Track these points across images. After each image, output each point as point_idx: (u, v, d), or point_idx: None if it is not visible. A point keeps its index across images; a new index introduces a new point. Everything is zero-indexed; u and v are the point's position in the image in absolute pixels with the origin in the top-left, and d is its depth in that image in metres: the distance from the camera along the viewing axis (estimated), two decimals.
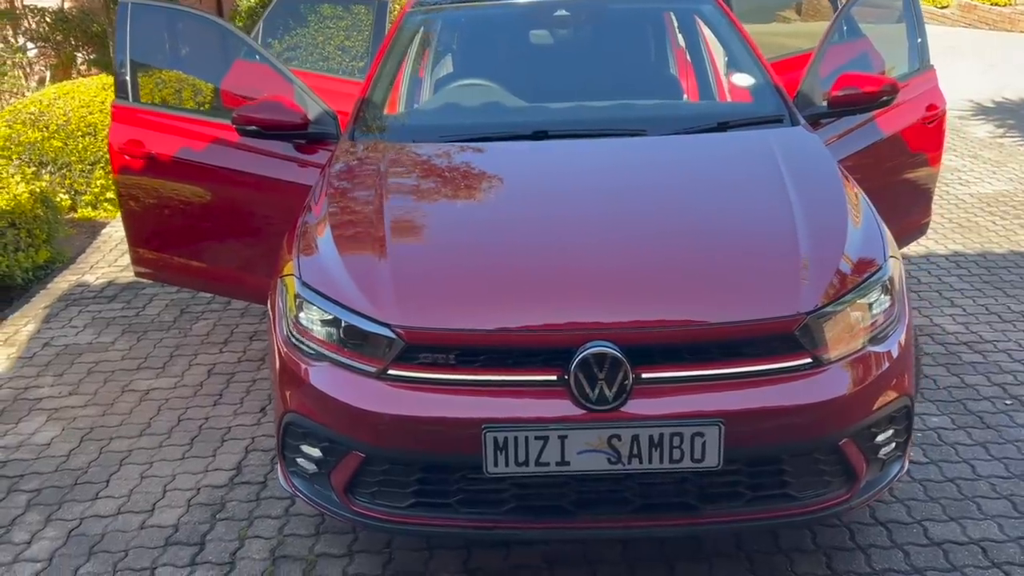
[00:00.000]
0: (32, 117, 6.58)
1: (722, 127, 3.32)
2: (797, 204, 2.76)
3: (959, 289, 4.77)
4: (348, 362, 2.46)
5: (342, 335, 2.49)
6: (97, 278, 5.38)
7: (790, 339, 2.39)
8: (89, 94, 6.97)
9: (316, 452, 2.55)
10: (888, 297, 2.58)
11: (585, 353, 2.32)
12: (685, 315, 2.43)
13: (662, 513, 2.45)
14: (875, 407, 2.47)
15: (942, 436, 3.40)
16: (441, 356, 2.41)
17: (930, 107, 4.12)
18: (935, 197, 6.20)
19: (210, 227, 4.04)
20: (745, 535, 2.85)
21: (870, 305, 2.53)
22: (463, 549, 2.85)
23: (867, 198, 2.92)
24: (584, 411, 2.33)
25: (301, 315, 2.59)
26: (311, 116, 3.61)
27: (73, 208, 6.55)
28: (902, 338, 2.57)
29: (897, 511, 2.98)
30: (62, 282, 5.35)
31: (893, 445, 2.59)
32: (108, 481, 3.33)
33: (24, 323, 4.79)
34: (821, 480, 2.48)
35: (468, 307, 2.46)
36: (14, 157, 6.29)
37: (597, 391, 2.32)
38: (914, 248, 5.29)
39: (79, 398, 3.98)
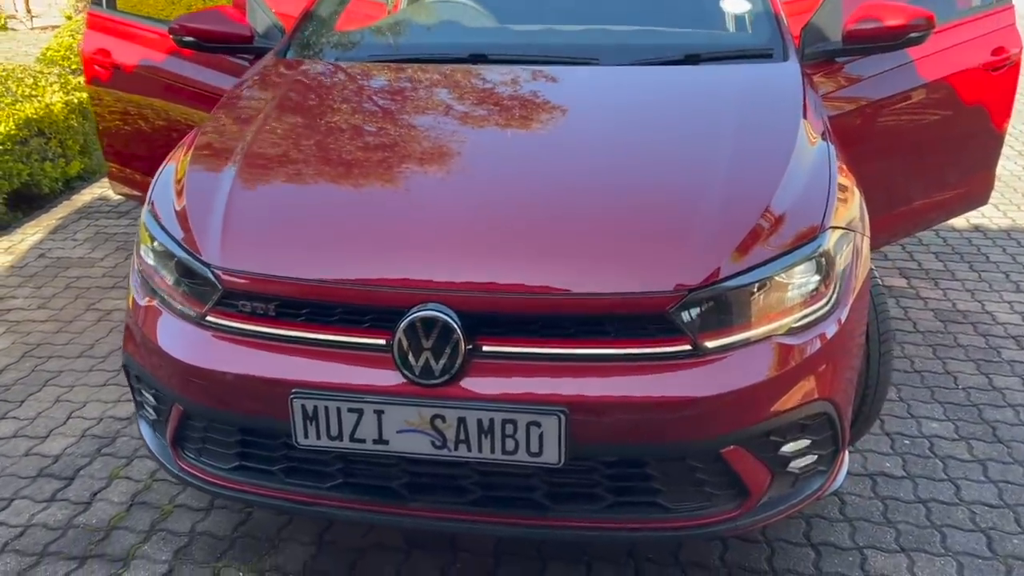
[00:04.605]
0: None
1: (692, 59, 2.80)
2: (726, 159, 2.26)
3: None
4: (173, 303, 2.20)
5: (174, 272, 2.22)
6: None
7: (663, 319, 1.95)
8: (159, 5, 6.91)
9: (151, 399, 2.32)
10: (818, 276, 2.08)
11: (412, 317, 1.96)
12: (537, 281, 2.00)
13: (505, 509, 2.08)
14: (773, 411, 2.00)
15: (935, 447, 2.84)
16: (260, 306, 2.09)
17: (997, 50, 3.41)
18: None
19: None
20: (642, 541, 2.44)
21: (789, 285, 2.05)
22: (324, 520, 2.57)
23: (835, 155, 2.37)
24: (406, 384, 1.98)
25: (143, 245, 2.34)
26: (260, 29, 3.31)
27: None
28: (835, 328, 2.08)
29: (839, 532, 2.48)
30: (87, 194, 5.34)
31: (814, 457, 2.13)
32: (23, 401, 3.22)
33: (33, 232, 4.78)
34: (701, 492, 2.05)
35: (293, 253, 2.12)
36: (72, 66, 6.31)
37: (422, 362, 1.96)
38: (996, 218, 4.56)
39: (44, 312, 3.90)
